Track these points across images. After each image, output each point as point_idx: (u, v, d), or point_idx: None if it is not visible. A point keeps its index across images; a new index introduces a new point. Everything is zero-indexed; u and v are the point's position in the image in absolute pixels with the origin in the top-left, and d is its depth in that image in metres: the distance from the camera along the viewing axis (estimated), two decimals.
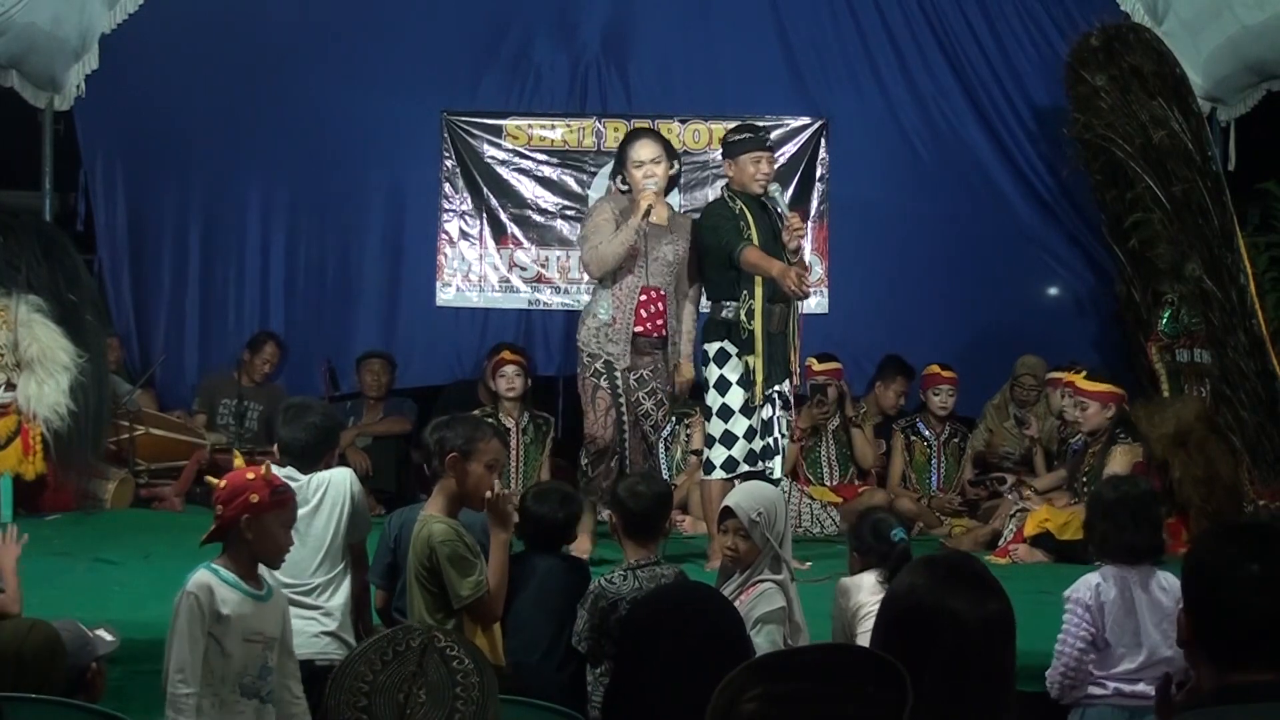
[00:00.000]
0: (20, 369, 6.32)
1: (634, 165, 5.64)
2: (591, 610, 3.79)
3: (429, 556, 3.64)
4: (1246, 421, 6.60)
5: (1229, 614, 1.95)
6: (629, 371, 5.62)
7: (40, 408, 6.26)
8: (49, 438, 6.30)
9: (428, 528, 3.68)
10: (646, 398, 5.64)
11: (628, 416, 5.63)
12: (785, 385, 5.54)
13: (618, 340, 5.60)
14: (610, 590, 3.80)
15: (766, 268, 5.34)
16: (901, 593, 2.10)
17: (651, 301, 5.64)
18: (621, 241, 5.53)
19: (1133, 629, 3.76)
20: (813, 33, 8.10)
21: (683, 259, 5.69)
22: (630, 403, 5.63)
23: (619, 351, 5.60)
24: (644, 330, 5.63)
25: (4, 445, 6.30)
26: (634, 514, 3.92)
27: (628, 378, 5.63)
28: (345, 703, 1.64)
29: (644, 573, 3.81)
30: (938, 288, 8.04)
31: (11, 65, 7.31)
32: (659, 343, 5.66)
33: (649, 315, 5.63)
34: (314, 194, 8.17)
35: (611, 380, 5.62)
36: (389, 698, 1.63)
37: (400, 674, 1.64)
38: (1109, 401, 6.17)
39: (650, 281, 5.62)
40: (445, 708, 1.63)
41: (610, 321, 5.62)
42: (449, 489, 3.75)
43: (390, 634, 1.73)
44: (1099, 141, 7.17)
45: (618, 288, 5.63)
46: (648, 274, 5.60)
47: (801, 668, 1.72)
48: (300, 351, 8.02)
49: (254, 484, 3.31)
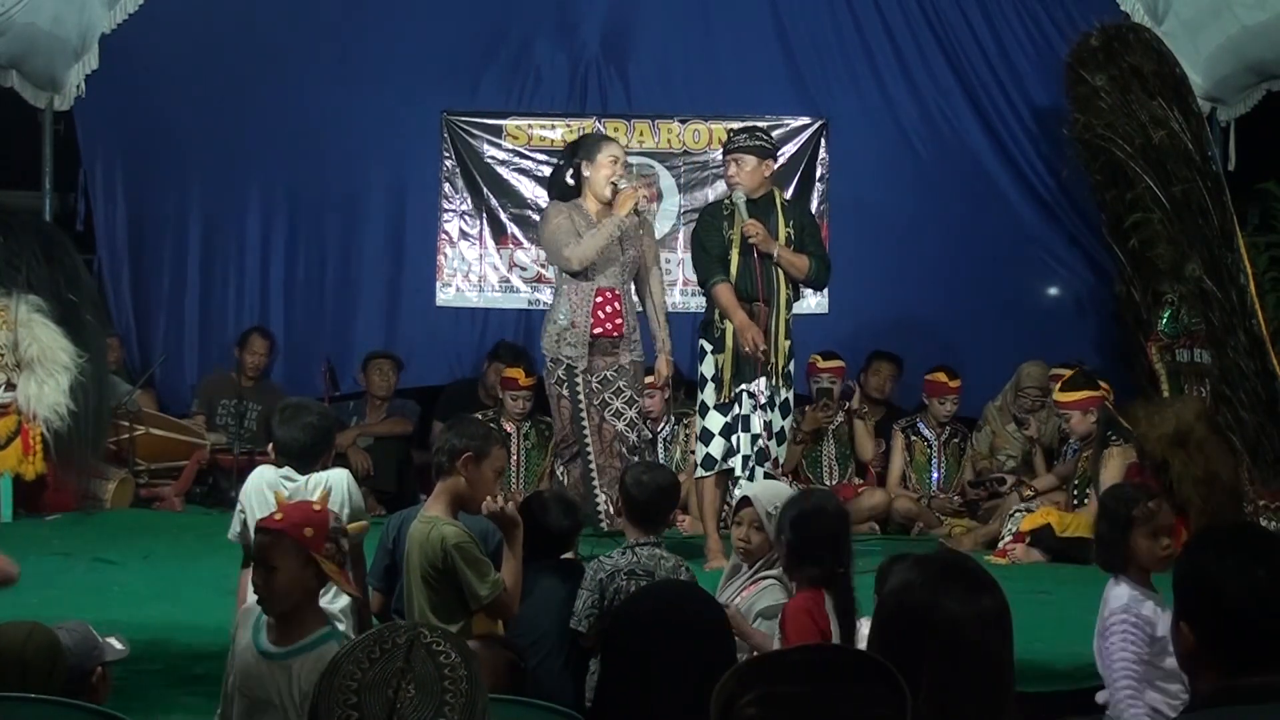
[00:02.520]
0: (20, 369, 6.33)
1: (610, 161, 5.77)
2: (590, 585, 3.85)
3: (442, 558, 3.62)
4: (1246, 421, 6.59)
5: (1239, 620, 1.95)
6: (589, 374, 5.70)
7: (40, 408, 6.27)
8: (49, 438, 6.30)
9: (437, 530, 3.66)
10: (614, 397, 5.69)
11: (590, 421, 5.67)
12: (757, 384, 5.55)
13: (576, 343, 5.70)
14: (608, 564, 3.87)
15: (730, 315, 5.51)
16: (896, 592, 2.10)
17: (607, 302, 5.72)
18: (607, 234, 5.66)
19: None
20: (813, 33, 8.10)
21: (637, 259, 5.80)
22: (596, 405, 5.68)
23: (577, 354, 5.70)
24: (603, 331, 5.72)
25: (4, 445, 6.31)
26: (638, 502, 3.97)
27: (589, 380, 5.69)
28: (335, 701, 1.64)
29: (644, 550, 3.86)
30: (938, 288, 8.04)
31: (11, 65, 7.32)
32: (618, 342, 5.73)
33: (606, 315, 5.71)
34: (314, 194, 8.18)
35: (572, 385, 5.71)
36: (378, 694, 1.63)
37: (388, 670, 1.65)
38: (1089, 407, 6.21)
39: (605, 282, 5.71)
40: (434, 701, 1.64)
41: (569, 325, 5.72)
42: (453, 490, 3.75)
43: (376, 632, 1.74)
44: (1099, 141, 7.17)
45: (573, 291, 5.74)
46: (599, 275, 5.70)
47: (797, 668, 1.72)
48: (300, 351, 8.03)
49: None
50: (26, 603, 4.14)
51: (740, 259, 5.57)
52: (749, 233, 5.51)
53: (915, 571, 2.11)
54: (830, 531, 3.61)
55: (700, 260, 5.69)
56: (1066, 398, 6.29)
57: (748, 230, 5.51)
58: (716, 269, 5.58)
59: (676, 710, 2.30)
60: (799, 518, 3.62)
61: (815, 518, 3.62)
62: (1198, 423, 6.17)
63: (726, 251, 5.59)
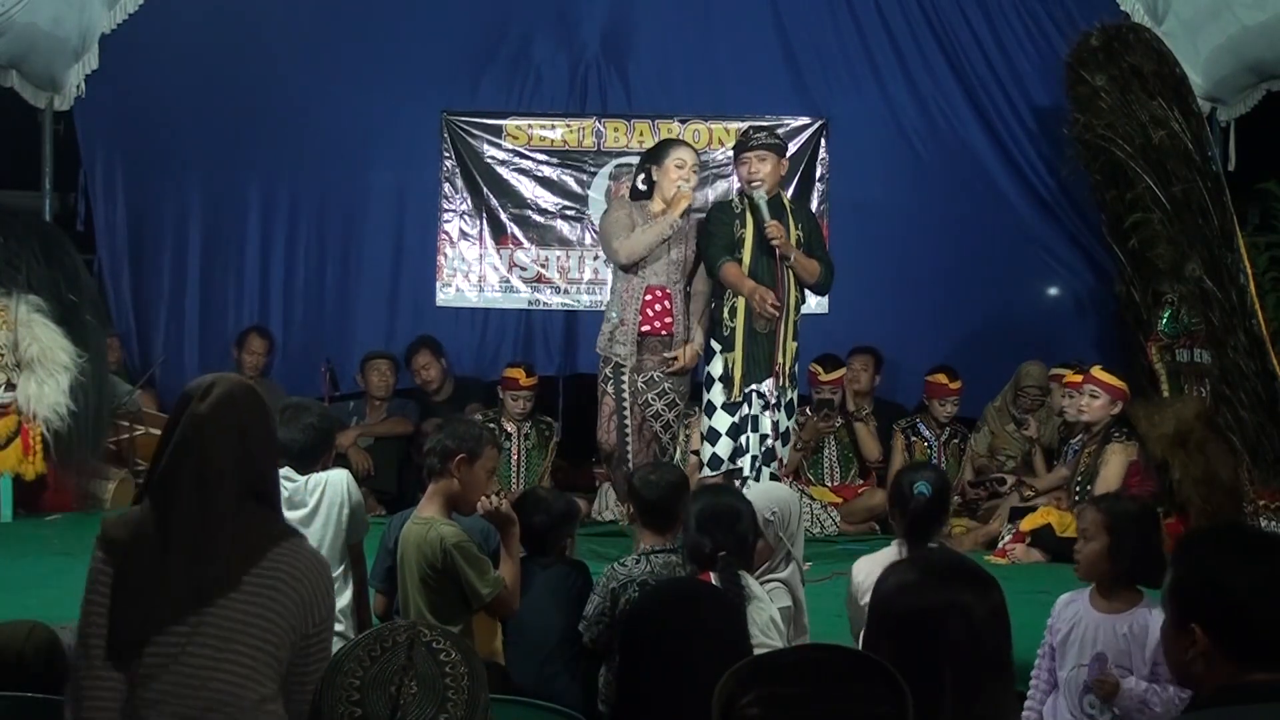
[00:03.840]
0: (20, 369, 6.33)
1: (676, 165, 5.70)
2: (602, 593, 3.81)
3: (442, 558, 3.62)
4: (1246, 421, 6.59)
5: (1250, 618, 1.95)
6: (637, 373, 5.64)
7: (40, 408, 6.27)
8: (49, 438, 6.31)
9: (435, 530, 3.66)
10: (656, 398, 5.64)
11: (632, 420, 5.63)
12: (766, 385, 5.54)
13: (625, 341, 5.63)
14: (621, 572, 3.81)
15: (740, 287, 5.45)
16: (898, 592, 2.10)
17: (657, 300, 5.66)
18: (658, 232, 5.60)
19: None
20: (813, 33, 8.10)
21: (688, 259, 5.75)
22: (639, 405, 5.64)
23: (626, 352, 5.63)
24: (651, 329, 5.65)
25: (4, 445, 6.31)
26: (648, 502, 3.93)
27: (635, 380, 5.64)
28: (338, 699, 1.65)
29: (658, 558, 3.80)
30: (937, 287, 8.04)
31: (11, 65, 7.32)
32: (668, 341, 5.67)
33: (655, 314, 5.65)
34: (314, 194, 8.18)
35: (618, 384, 5.64)
36: (381, 692, 1.64)
37: (390, 668, 1.66)
38: (1119, 397, 6.19)
39: (654, 280, 5.65)
40: (437, 698, 1.65)
41: (619, 323, 5.66)
42: (447, 491, 3.75)
43: (376, 631, 1.75)
44: (1099, 141, 7.17)
45: (625, 289, 5.68)
46: (650, 273, 5.64)
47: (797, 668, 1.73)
48: (300, 351, 8.03)
49: None
50: (26, 603, 4.14)
51: (756, 259, 5.53)
52: (772, 234, 5.45)
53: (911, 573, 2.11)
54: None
55: (707, 248, 5.63)
56: (1106, 378, 6.20)
57: (771, 231, 5.45)
58: (724, 253, 5.54)
59: (698, 711, 2.29)
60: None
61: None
62: (1198, 423, 6.18)
63: (736, 249, 5.58)
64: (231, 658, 2.37)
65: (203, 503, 2.42)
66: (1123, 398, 6.21)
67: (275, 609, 2.40)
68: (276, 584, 2.41)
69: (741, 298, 5.51)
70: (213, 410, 2.48)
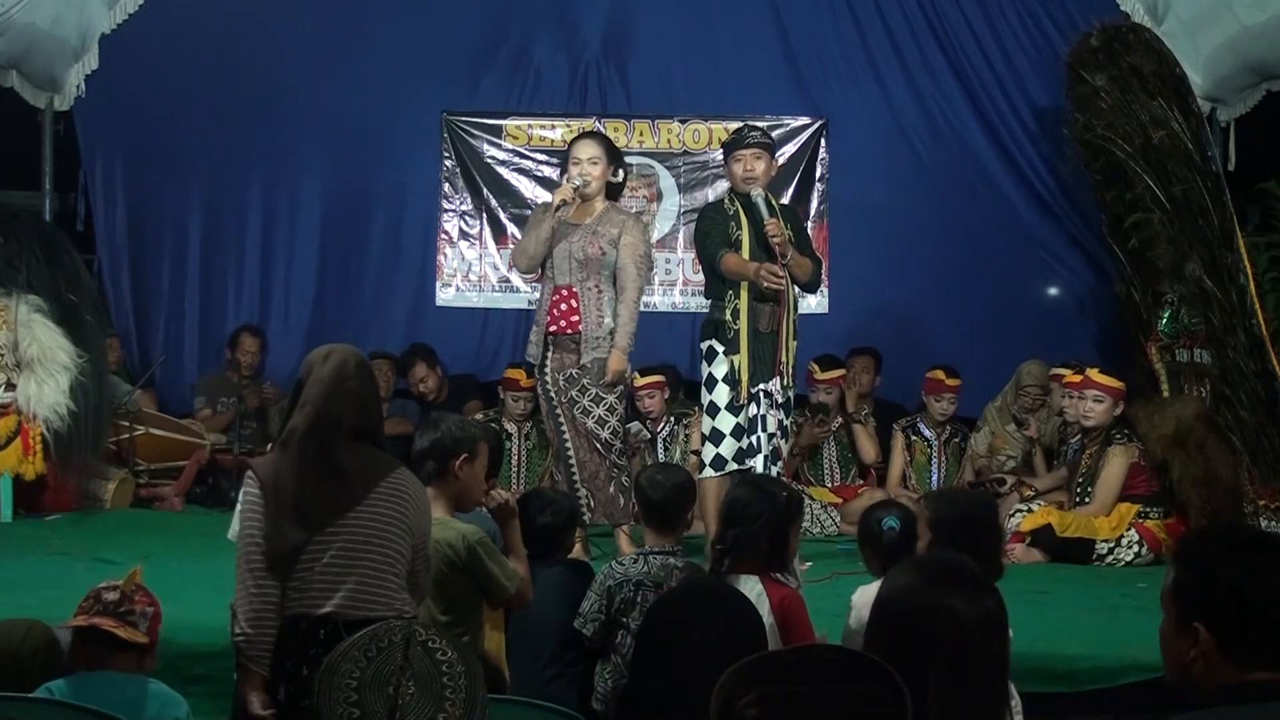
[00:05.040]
0: (20, 369, 6.34)
1: (572, 162, 5.74)
2: (599, 590, 3.83)
3: (466, 555, 3.60)
4: (1246, 421, 6.59)
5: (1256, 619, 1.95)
6: (558, 372, 5.66)
7: (40, 408, 6.27)
8: (49, 438, 6.31)
9: (453, 529, 3.64)
10: (580, 395, 5.62)
11: (564, 415, 5.65)
12: (773, 384, 5.53)
13: (537, 341, 5.71)
14: (618, 571, 3.83)
15: (744, 272, 5.42)
16: (894, 594, 2.09)
17: (564, 299, 5.66)
18: (530, 235, 5.68)
19: None
20: (813, 33, 8.10)
21: (599, 256, 5.62)
22: (565, 402, 5.64)
23: (536, 353, 5.71)
24: (557, 329, 5.65)
25: (4, 445, 6.31)
26: (653, 503, 3.94)
27: (557, 378, 5.66)
28: (336, 699, 1.65)
29: (655, 559, 3.83)
30: (937, 288, 8.03)
31: (11, 65, 7.32)
32: (577, 339, 5.64)
33: (562, 313, 5.65)
34: (314, 194, 8.19)
35: (542, 384, 5.72)
36: (379, 692, 1.64)
37: (387, 668, 1.66)
38: (1119, 399, 6.19)
39: (561, 280, 5.66)
40: (434, 698, 1.66)
41: (535, 325, 5.75)
42: (450, 491, 3.74)
43: (370, 631, 1.76)
44: (1099, 141, 7.16)
45: (542, 291, 5.75)
46: (557, 272, 5.66)
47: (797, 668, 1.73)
48: (300, 352, 8.01)
49: None
50: (26, 603, 4.14)
51: (754, 258, 5.48)
52: (773, 232, 5.41)
53: (914, 574, 2.10)
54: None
55: (703, 246, 5.59)
56: (1105, 381, 6.21)
57: (772, 229, 5.42)
58: (721, 244, 5.50)
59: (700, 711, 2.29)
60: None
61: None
62: (1198, 423, 6.17)
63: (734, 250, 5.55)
64: (365, 556, 3.00)
65: (327, 442, 3.10)
66: (1122, 397, 6.22)
67: (393, 518, 3.07)
68: (391, 500, 3.09)
69: (743, 299, 5.46)
70: (331, 373, 3.20)
